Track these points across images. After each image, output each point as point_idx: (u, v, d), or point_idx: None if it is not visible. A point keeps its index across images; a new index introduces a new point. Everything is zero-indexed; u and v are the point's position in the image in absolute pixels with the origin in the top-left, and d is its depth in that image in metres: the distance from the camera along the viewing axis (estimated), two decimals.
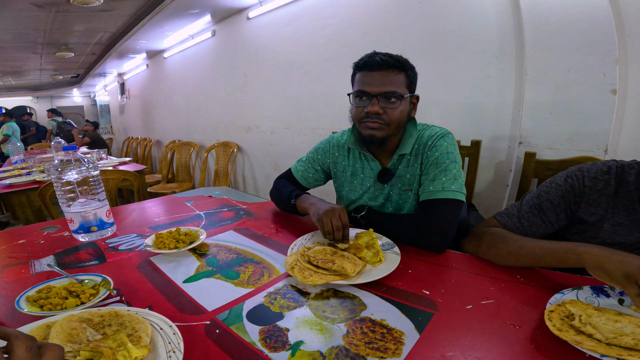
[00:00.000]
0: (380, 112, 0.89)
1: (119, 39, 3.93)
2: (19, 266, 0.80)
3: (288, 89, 2.65)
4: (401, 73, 0.90)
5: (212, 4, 2.81)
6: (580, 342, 0.47)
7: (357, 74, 0.94)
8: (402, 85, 0.90)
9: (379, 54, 0.90)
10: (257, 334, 0.54)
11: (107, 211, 0.98)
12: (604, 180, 0.73)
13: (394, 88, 0.88)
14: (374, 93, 0.89)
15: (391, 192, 1.00)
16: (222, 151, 3.35)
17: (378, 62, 0.88)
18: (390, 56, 0.89)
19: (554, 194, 0.77)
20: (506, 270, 0.72)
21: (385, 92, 0.88)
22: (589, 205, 0.74)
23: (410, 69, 0.92)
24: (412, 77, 0.93)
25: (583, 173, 0.75)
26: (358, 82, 0.93)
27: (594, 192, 0.73)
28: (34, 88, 8.11)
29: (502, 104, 1.50)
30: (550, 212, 0.77)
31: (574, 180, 0.75)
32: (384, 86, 0.88)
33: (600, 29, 1.17)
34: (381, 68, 0.88)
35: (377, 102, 0.89)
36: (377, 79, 0.89)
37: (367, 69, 0.90)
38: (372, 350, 0.50)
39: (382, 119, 0.90)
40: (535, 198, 0.80)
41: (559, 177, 0.79)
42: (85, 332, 0.49)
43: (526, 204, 0.81)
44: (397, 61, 0.89)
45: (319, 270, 0.70)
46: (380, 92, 0.88)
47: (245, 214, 1.16)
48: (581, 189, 0.74)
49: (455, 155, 0.92)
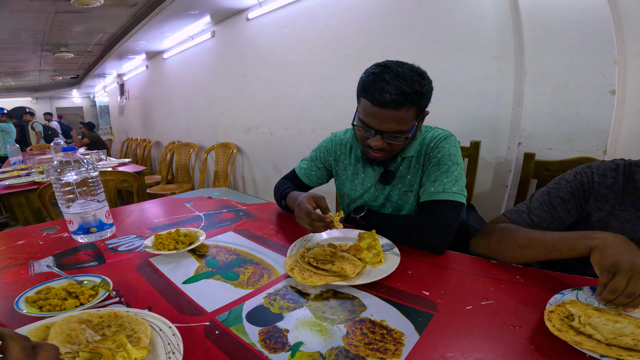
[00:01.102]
0: (384, 147, 0.86)
1: (119, 39, 3.94)
2: (18, 267, 0.80)
3: (287, 89, 2.66)
4: (411, 109, 0.80)
5: (212, 5, 2.81)
6: (579, 343, 0.47)
7: (362, 98, 0.84)
8: (410, 119, 0.82)
9: (390, 86, 0.78)
10: (257, 335, 0.54)
11: (106, 212, 0.98)
12: (612, 177, 0.74)
13: (401, 127, 0.82)
14: (379, 130, 0.84)
15: (391, 193, 1.00)
16: (221, 152, 3.35)
17: (388, 100, 0.78)
18: (402, 92, 0.77)
19: (564, 190, 0.78)
20: (506, 270, 0.73)
21: (391, 132, 0.83)
22: (597, 202, 0.75)
23: (423, 97, 0.82)
24: (425, 101, 0.84)
25: (592, 170, 0.77)
26: (363, 111, 0.85)
27: (603, 188, 0.75)
28: (33, 89, 8.11)
29: (501, 105, 1.50)
30: (561, 208, 0.78)
31: (583, 177, 0.77)
32: (390, 125, 0.82)
33: (599, 29, 1.17)
34: (390, 106, 0.79)
35: (381, 137, 0.84)
36: (384, 117, 0.81)
37: (374, 103, 0.80)
38: (372, 351, 0.50)
39: (385, 150, 0.88)
40: (545, 195, 0.81)
41: (568, 174, 0.80)
42: (85, 333, 0.49)
43: (536, 201, 0.82)
44: (408, 97, 0.78)
45: (319, 271, 0.69)
46: (386, 131, 0.83)
47: (245, 215, 1.16)
48: (590, 184, 0.76)
49: (457, 157, 0.91)
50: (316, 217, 0.81)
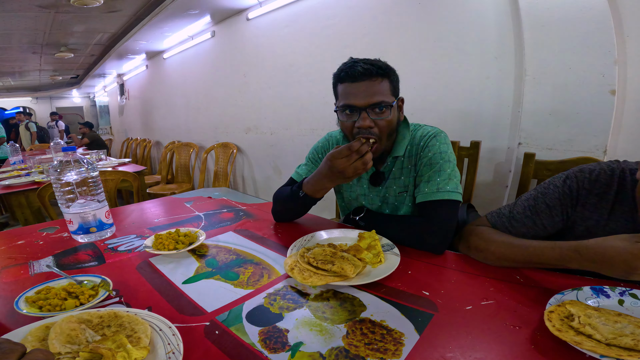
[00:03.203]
0: (372, 126, 0.85)
1: (119, 39, 3.93)
2: (18, 267, 0.80)
3: (288, 89, 2.66)
4: (385, 79, 0.84)
5: (212, 5, 2.81)
6: (579, 343, 0.47)
7: (338, 85, 0.88)
8: (388, 92, 0.85)
9: (359, 63, 0.84)
10: (257, 335, 0.54)
11: (106, 212, 0.98)
12: (606, 184, 0.70)
13: (381, 98, 0.83)
14: (362, 106, 0.84)
15: (387, 195, 0.99)
16: (221, 152, 3.35)
17: (361, 71, 0.82)
18: (371, 63, 0.84)
19: (551, 196, 0.75)
20: (506, 271, 0.72)
21: (374, 104, 0.83)
22: (585, 209, 0.72)
23: (392, 72, 0.87)
24: (395, 81, 0.88)
25: (584, 175, 0.72)
26: (342, 95, 0.87)
27: (593, 197, 0.70)
28: (33, 89, 8.10)
29: (501, 105, 1.50)
30: (545, 215, 0.75)
31: (572, 182, 0.73)
32: (371, 97, 0.83)
33: (599, 29, 1.17)
34: (364, 78, 0.82)
35: (367, 115, 0.84)
36: (362, 90, 0.83)
37: (349, 80, 0.84)
38: (372, 351, 0.50)
39: (374, 132, 0.87)
40: (531, 199, 0.78)
41: (557, 179, 0.76)
42: (85, 333, 0.49)
43: (520, 205, 0.79)
44: (379, 68, 0.83)
45: (319, 271, 0.69)
46: (368, 104, 0.83)
47: (245, 215, 1.16)
48: (579, 191, 0.72)
49: (448, 154, 0.90)
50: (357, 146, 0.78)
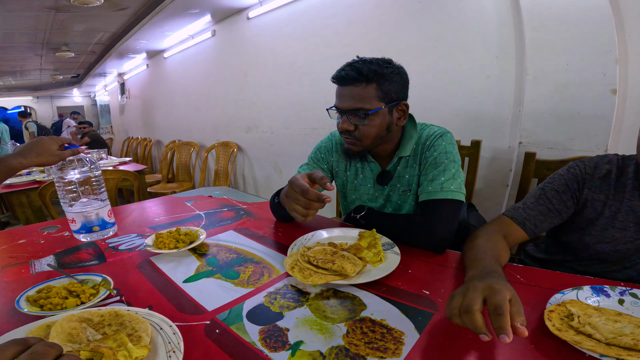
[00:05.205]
0: (351, 129, 0.87)
1: (119, 38, 3.93)
2: (19, 266, 0.80)
3: (288, 88, 2.65)
4: (370, 85, 0.83)
5: (212, 4, 2.81)
6: (579, 342, 0.47)
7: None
8: (372, 98, 0.84)
9: (348, 67, 0.85)
10: (257, 334, 0.54)
11: (108, 211, 0.98)
12: (606, 169, 0.77)
13: (359, 104, 0.84)
14: (343, 109, 0.86)
15: (391, 193, 1.00)
16: (222, 151, 3.35)
17: (343, 76, 0.84)
18: (356, 69, 0.83)
19: (558, 183, 0.81)
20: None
21: (351, 109, 0.85)
22: (591, 192, 0.78)
23: (384, 77, 0.84)
24: (387, 86, 0.85)
25: (584, 163, 0.80)
26: (335, 95, 0.89)
27: (596, 180, 0.77)
28: (34, 88, 8.11)
29: (502, 104, 1.50)
30: (556, 200, 0.80)
31: (576, 169, 0.80)
32: (351, 102, 0.85)
33: (600, 29, 1.17)
34: (347, 83, 0.84)
35: (347, 119, 0.86)
36: (345, 94, 0.85)
37: (337, 83, 0.87)
38: (372, 350, 0.50)
39: (354, 135, 0.88)
40: (539, 190, 0.83)
41: (561, 170, 0.83)
42: (85, 332, 0.49)
43: (530, 196, 0.84)
44: (362, 74, 0.82)
45: (319, 270, 0.69)
46: (348, 108, 0.85)
47: (245, 214, 1.16)
48: (583, 175, 0.78)
49: (454, 154, 0.91)
50: (314, 196, 0.67)
